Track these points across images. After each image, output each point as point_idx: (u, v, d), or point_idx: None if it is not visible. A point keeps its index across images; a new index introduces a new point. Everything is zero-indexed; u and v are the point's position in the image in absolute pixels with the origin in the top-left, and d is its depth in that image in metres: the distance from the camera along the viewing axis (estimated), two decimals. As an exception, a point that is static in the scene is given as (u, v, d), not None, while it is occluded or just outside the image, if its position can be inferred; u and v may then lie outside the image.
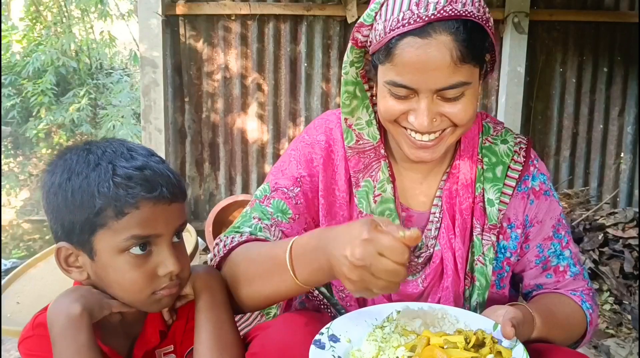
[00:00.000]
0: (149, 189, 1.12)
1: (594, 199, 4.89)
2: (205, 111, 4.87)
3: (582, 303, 1.41)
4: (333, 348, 1.13)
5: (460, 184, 1.38)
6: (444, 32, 1.14)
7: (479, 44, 1.17)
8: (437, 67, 1.15)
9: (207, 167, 4.95)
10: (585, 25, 4.93)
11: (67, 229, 1.15)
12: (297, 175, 1.41)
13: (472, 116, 1.24)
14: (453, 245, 1.37)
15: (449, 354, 1.05)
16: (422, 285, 1.39)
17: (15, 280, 2.40)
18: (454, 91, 1.18)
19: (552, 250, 1.42)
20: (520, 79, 4.81)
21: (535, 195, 1.40)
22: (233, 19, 4.73)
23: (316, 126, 1.48)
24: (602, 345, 3.06)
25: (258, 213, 1.38)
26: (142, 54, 4.65)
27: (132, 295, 1.17)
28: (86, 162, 1.15)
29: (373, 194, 1.38)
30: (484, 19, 1.18)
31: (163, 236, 1.15)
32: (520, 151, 1.40)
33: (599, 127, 5.14)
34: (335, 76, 4.86)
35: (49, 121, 9.04)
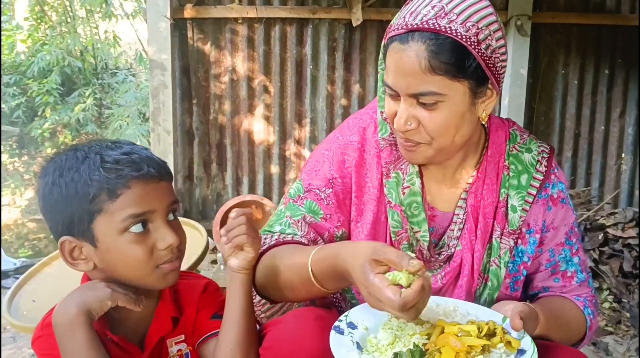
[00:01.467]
0: (137, 169, 1.19)
1: (596, 200, 4.93)
2: (213, 113, 4.94)
3: (584, 309, 1.46)
4: (351, 334, 1.19)
5: (486, 188, 1.43)
6: (419, 41, 1.21)
7: (454, 61, 1.21)
8: (409, 72, 1.23)
9: (215, 168, 5.02)
10: (588, 28, 4.99)
11: (67, 222, 1.21)
12: (329, 176, 1.46)
13: (444, 130, 1.28)
14: (473, 246, 1.42)
15: (463, 341, 1.10)
16: (440, 281, 1.44)
17: (30, 278, 2.44)
18: (426, 99, 1.24)
19: (563, 255, 1.47)
20: (522, 81, 4.87)
21: (554, 202, 1.45)
22: (240, 22, 4.79)
23: (350, 126, 1.52)
24: (601, 342, 3.12)
25: (290, 212, 1.46)
26: (150, 57, 4.71)
27: (137, 272, 1.24)
28: (75, 158, 1.21)
29: (402, 186, 1.43)
30: (471, 41, 1.21)
31: (157, 212, 1.22)
32: (542, 161, 1.45)
33: (601, 128, 5.20)
34: (341, 78, 4.92)
35: (54, 120, 9.06)
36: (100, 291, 1.21)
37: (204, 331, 1.39)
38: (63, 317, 1.17)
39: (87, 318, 1.17)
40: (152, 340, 1.33)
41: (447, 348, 1.09)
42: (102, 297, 1.19)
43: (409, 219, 1.42)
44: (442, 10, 1.21)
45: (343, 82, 4.93)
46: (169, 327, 1.35)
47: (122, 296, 1.21)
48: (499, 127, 1.48)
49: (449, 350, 1.08)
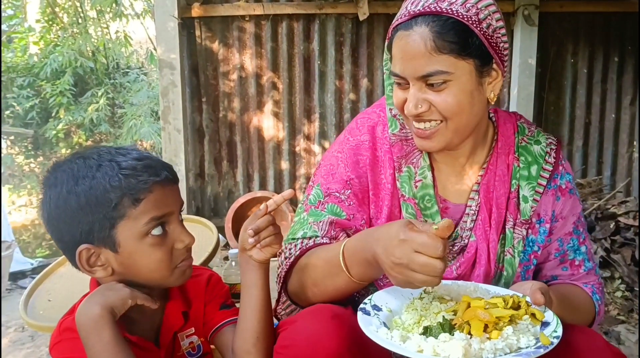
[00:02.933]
0: (156, 174, 1.23)
1: (607, 188, 4.91)
2: (222, 111, 4.98)
3: (593, 295, 1.50)
4: (377, 315, 1.22)
5: (497, 179, 1.46)
6: (423, 25, 1.26)
7: (458, 39, 1.26)
8: (415, 55, 1.27)
9: (226, 165, 5.06)
10: (595, 15, 4.96)
11: (85, 230, 1.21)
12: (346, 178, 1.49)
13: (457, 108, 1.31)
14: (488, 237, 1.45)
15: (491, 313, 1.11)
16: (455, 272, 1.46)
17: (46, 278, 2.47)
18: (434, 79, 1.28)
19: (571, 244, 1.51)
20: (531, 71, 4.86)
21: (562, 193, 1.48)
22: (247, 20, 4.82)
23: (359, 126, 1.55)
24: (613, 331, 3.11)
25: (312, 217, 1.49)
26: (159, 57, 4.75)
27: (159, 273, 1.27)
28: (87, 166, 1.22)
29: (414, 180, 1.46)
30: (472, 20, 1.26)
31: (174, 214, 1.27)
32: (551, 152, 1.48)
33: (611, 116, 5.17)
34: (349, 72, 4.93)
35: (68, 121, 9.13)
36: (120, 291, 1.23)
37: (216, 322, 1.42)
38: (87, 317, 1.19)
39: (111, 317, 1.19)
40: (167, 336, 1.36)
41: (475, 320, 1.10)
42: (124, 296, 1.22)
43: (423, 211, 1.45)
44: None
45: (351, 76, 4.95)
46: (181, 321, 1.38)
47: (141, 294, 1.25)
48: (507, 120, 1.51)
49: (477, 321, 1.10)
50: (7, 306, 4.33)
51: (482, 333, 1.08)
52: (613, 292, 3.51)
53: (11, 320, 3.87)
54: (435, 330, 1.12)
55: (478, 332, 1.08)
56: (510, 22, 4.84)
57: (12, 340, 3.57)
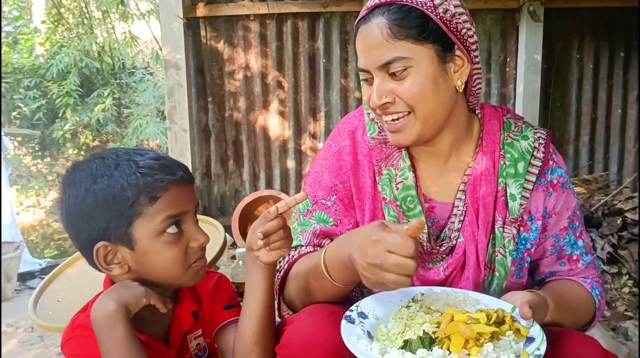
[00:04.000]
0: (172, 173, 1.25)
1: (614, 184, 4.90)
2: (228, 110, 4.99)
3: (592, 290, 1.48)
4: (362, 324, 1.22)
5: (483, 178, 1.43)
6: (379, 15, 1.30)
7: (413, 25, 1.29)
8: (374, 45, 1.31)
9: (232, 164, 5.07)
10: (600, 11, 4.94)
11: (103, 228, 1.23)
12: (331, 184, 1.51)
13: (420, 95, 1.32)
14: (476, 237, 1.43)
15: (472, 329, 1.10)
16: (443, 273, 1.45)
17: (54, 279, 2.48)
18: (395, 66, 1.30)
19: (567, 239, 1.49)
20: (537, 67, 4.84)
21: (554, 188, 1.46)
22: (252, 19, 4.83)
23: (340, 131, 1.56)
24: (621, 327, 3.11)
25: (300, 227, 1.52)
26: (165, 57, 4.76)
27: (173, 272, 1.29)
28: (106, 165, 1.25)
29: (395, 181, 1.45)
30: (427, 6, 1.29)
31: (189, 213, 1.28)
32: (539, 147, 1.45)
33: (618, 112, 5.14)
34: (354, 70, 4.93)
35: (75, 121, 9.19)
36: (135, 289, 1.25)
37: (218, 321, 1.44)
38: (102, 313, 1.20)
39: (125, 314, 1.21)
40: (177, 336, 1.38)
41: (456, 335, 1.10)
42: (138, 294, 1.24)
43: (405, 213, 1.44)
44: None
45: (356, 74, 4.94)
46: (191, 322, 1.40)
47: (155, 294, 1.26)
48: (493, 116, 1.49)
49: (458, 337, 1.09)
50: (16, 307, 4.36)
51: (461, 349, 1.08)
52: (620, 288, 3.50)
53: (20, 321, 3.90)
54: (415, 344, 1.12)
55: (457, 348, 1.08)
56: (515, 19, 4.83)
57: (21, 340, 3.59)
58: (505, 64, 4.99)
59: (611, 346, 2.80)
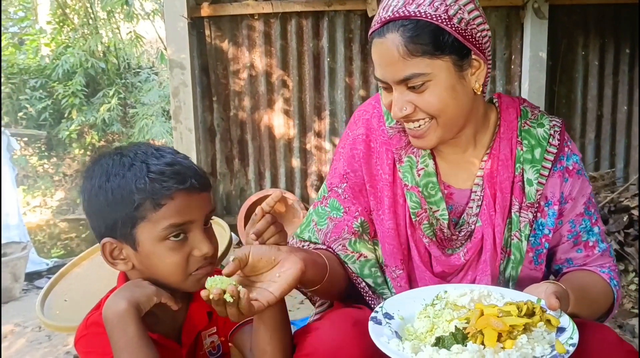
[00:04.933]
0: (181, 181, 1.24)
1: (620, 181, 4.89)
2: (233, 109, 4.99)
3: (610, 281, 1.49)
4: (389, 324, 1.22)
5: (501, 164, 1.46)
6: (393, 31, 1.29)
7: (429, 40, 1.28)
8: (389, 62, 1.31)
9: (237, 163, 5.08)
10: (605, 7, 4.93)
11: (110, 225, 1.26)
12: (343, 172, 1.56)
13: (440, 105, 1.33)
14: (493, 221, 1.46)
15: (504, 322, 1.10)
16: (463, 258, 1.48)
17: (61, 278, 2.49)
18: (413, 81, 1.31)
19: (583, 225, 1.50)
20: (542, 64, 4.83)
21: (569, 174, 1.48)
22: (256, 18, 4.84)
23: (355, 120, 1.60)
24: (627, 324, 3.11)
25: (316, 216, 1.58)
26: (170, 57, 4.77)
27: (174, 277, 1.29)
28: (121, 164, 1.26)
29: (416, 168, 1.49)
30: (442, 19, 1.27)
31: (196, 222, 1.28)
32: (555, 134, 1.47)
33: (624, 108, 5.13)
34: (358, 69, 4.93)
35: (81, 121, 9.18)
36: (146, 288, 1.27)
37: (233, 323, 1.43)
38: (113, 311, 1.22)
39: (137, 312, 1.22)
40: (191, 335, 1.39)
41: (488, 329, 1.09)
42: (149, 293, 1.26)
43: (427, 199, 1.47)
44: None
45: (361, 73, 4.95)
46: (205, 321, 1.41)
47: (166, 293, 1.28)
48: (510, 105, 1.51)
49: (491, 331, 1.09)
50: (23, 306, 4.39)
51: (496, 343, 1.07)
52: (627, 285, 3.49)
53: (28, 320, 3.92)
54: (448, 340, 1.12)
55: (491, 342, 1.07)
56: (520, 16, 4.82)
57: (29, 339, 3.62)
58: (510, 61, 4.98)
59: (618, 343, 2.79)
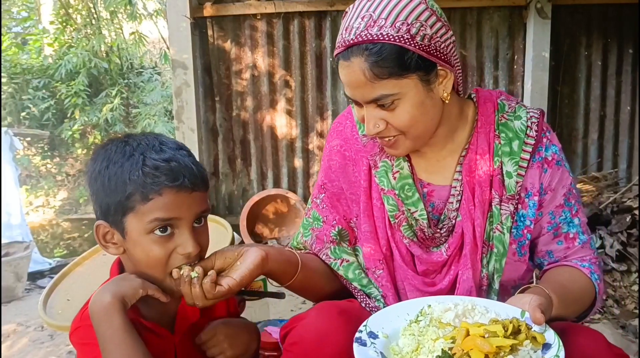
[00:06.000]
0: (171, 179, 1.25)
1: (623, 181, 4.87)
2: (236, 109, 5.00)
3: (591, 275, 1.49)
4: (374, 345, 1.20)
5: (479, 158, 1.48)
6: (358, 55, 1.31)
7: (394, 62, 1.29)
8: (358, 85, 1.33)
9: (239, 163, 5.08)
10: (608, 7, 4.91)
11: (104, 210, 1.30)
12: (321, 183, 1.63)
13: (411, 122, 1.37)
14: (472, 215, 1.46)
15: (491, 342, 1.09)
16: (445, 253, 1.49)
17: (64, 278, 2.50)
18: (383, 101, 1.34)
19: (563, 217, 1.51)
20: (545, 64, 4.82)
21: (549, 164, 1.49)
22: (259, 18, 4.84)
23: (331, 132, 1.66)
24: (630, 325, 3.10)
25: (302, 228, 1.66)
26: (172, 57, 4.78)
27: (154, 271, 1.30)
28: (122, 152, 1.28)
29: (392, 172, 1.51)
30: (404, 39, 1.29)
31: (184, 220, 1.28)
32: (532, 126, 1.48)
33: (627, 109, 5.11)
34: (361, 69, 4.91)
35: (84, 121, 9.22)
36: (132, 281, 1.29)
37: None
38: (99, 305, 1.24)
39: (121, 306, 1.24)
40: (183, 324, 1.41)
41: (475, 351, 1.08)
42: (135, 286, 1.27)
43: (404, 201, 1.49)
44: (370, 20, 1.30)
45: (363, 73, 4.93)
46: (197, 315, 1.42)
47: (152, 286, 1.29)
48: (487, 99, 1.53)
49: (477, 352, 1.08)
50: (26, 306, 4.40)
51: None
52: (630, 286, 3.48)
53: (30, 320, 3.93)
54: None
55: None
56: (522, 16, 4.81)
57: (31, 339, 3.62)
58: (513, 61, 4.97)
59: (620, 344, 2.79)
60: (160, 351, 1.34)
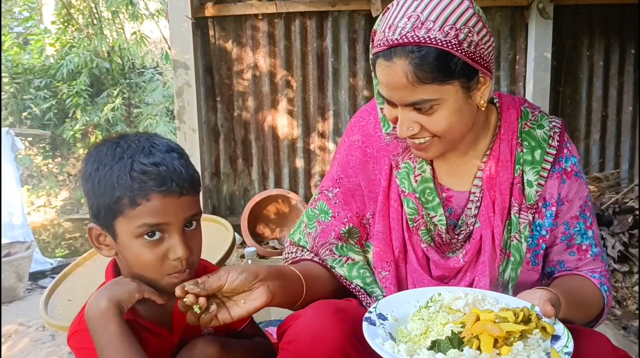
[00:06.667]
0: (159, 184, 1.24)
1: (625, 182, 4.87)
2: (237, 109, 4.99)
3: (601, 286, 1.49)
4: (383, 325, 1.22)
5: (500, 165, 1.46)
6: (402, 57, 1.25)
7: (439, 68, 1.25)
8: (397, 87, 1.29)
9: (241, 163, 5.07)
10: (610, 7, 4.89)
11: (95, 212, 1.29)
12: (336, 177, 1.59)
13: (447, 127, 1.33)
14: (492, 222, 1.45)
15: (501, 328, 1.10)
16: (463, 260, 1.48)
17: (65, 278, 2.51)
18: (422, 106, 1.30)
19: (578, 228, 1.50)
20: (547, 64, 4.81)
21: (567, 175, 1.48)
22: (260, 19, 4.83)
23: (352, 126, 1.61)
24: (632, 326, 3.09)
25: (307, 219, 1.63)
26: (174, 57, 4.77)
27: (149, 275, 1.30)
28: (112, 155, 1.27)
29: (414, 174, 1.49)
30: (451, 44, 1.24)
31: (173, 224, 1.27)
32: (554, 136, 1.48)
33: (629, 109, 5.10)
34: (362, 69, 4.92)
35: (85, 121, 9.21)
36: (128, 285, 1.28)
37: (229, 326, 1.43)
38: (95, 310, 1.23)
39: (118, 311, 1.23)
40: (181, 323, 1.38)
41: (485, 335, 1.09)
42: (131, 290, 1.27)
43: (424, 205, 1.47)
44: (418, 21, 1.25)
45: (365, 73, 4.94)
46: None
47: (148, 288, 1.29)
48: (510, 106, 1.51)
49: (487, 336, 1.09)
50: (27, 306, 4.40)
51: (492, 348, 1.07)
52: (632, 287, 3.48)
53: (32, 320, 3.93)
54: (444, 345, 1.11)
55: (488, 347, 1.07)
56: (524, 16, 4.80)
57: (33, 339, 3.62)
58: (515, 61, 4.97)
59: (622, 345, 2.78)
60: (159, 350, 1.34)
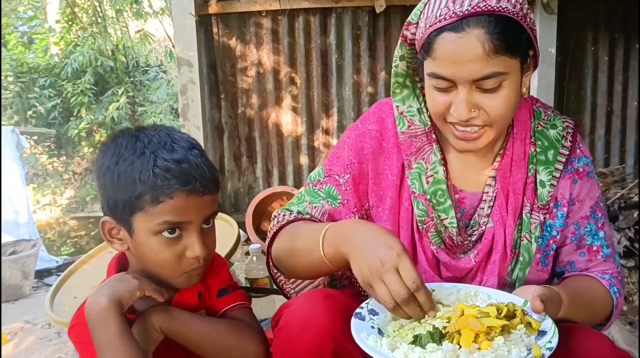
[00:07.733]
0: (183, 182, 1.23)
1: (631, 177, 4.84)
2: (241, 107, 5.00)
3: (610, 288, 1.46)
4: (372, 320, 1.22)
5: (514, 165, 1.44)
6: (477, 26, 1.21)
7: (513, 37, 1.23)
8: (471, 58, 1.22)
9: (245, 161, 5.08)
10: (615, 2, 4.88)
11: (112, 206, 1.27)
12: (348, 162, 1.51)
13: (509, 110, 1.30)
14: (505, 221, 1.44)
15: (482, 322, 1.10)
16: (474, 259, 1.46)
17: (70, 276, 2.51)
18: (491, 82, 1.25)
19: (588, 229, 1.48)
20: (551, 59, 4.79)
21: (579, 176, 1.47)
22: (264, 15, 4.83)
23: (370, 115, 1.56)
24: (638, 321, 3.09)
25: (310, 197, 1.53)
26: (178, 55, 4.78)
27: (165, 272, 1.30)
28: (133, 149, 1.26)
29: (425, 175, 1.45)
30: (520, 15, 1.23)
31: (193, 223, 1.27)
32: (567, 136, 1.46)
33: (634, 104, 5.09)
34: (366, 66, 4.92)
35: (90, 120, 9.24)
36: (128, 282, 1.26)
37: (218, 309, 1.44)
38: (95, 308, 1.22)
39: (118, 309, 1.22)
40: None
41: (466, 329, 1.09)
42: (131, 288, 1.25)
43: (435, 207, 1.45)
44: None
45: (369, 70, 4.94)
46: (195, 301, 1.41)
47: (150, 286, 1.28)
48: (523, 105, 1.48)
49: (468, 331, 1.09)
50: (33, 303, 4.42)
51: (472, 343, 1.07)
52: (638, 282, 3.47)
53: (38, 318, 3.95)
54: (425, 339, 1.12)
55: (467, 342, 1.08)
56: (528, 11, 4.78)
57: (39, 336, 3.64)
58: (519, 57, 4.94)
59: (628, 341, 2.77)
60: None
